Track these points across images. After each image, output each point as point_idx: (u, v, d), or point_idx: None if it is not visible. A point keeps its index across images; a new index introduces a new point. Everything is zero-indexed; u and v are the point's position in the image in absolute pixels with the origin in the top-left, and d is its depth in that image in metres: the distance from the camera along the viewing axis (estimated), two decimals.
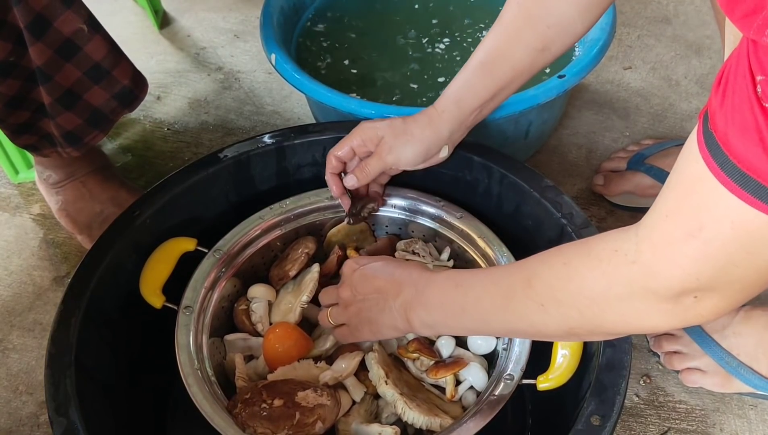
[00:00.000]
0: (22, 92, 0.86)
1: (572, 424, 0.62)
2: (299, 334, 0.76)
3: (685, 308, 0.49)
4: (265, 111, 1.27)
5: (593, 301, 0.53)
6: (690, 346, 0.87)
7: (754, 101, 0.40)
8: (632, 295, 0.51)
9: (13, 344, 0.96)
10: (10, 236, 1.09)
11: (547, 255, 0.58)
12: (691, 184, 0.46)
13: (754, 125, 0.41)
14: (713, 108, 0.44)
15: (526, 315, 0.58)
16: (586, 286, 0.53)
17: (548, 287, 0.56)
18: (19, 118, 0.90)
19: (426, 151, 0.79)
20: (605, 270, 0.52)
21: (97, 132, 0.95)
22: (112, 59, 0.89)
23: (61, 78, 0.86)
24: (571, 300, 0.55)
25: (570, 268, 0.55)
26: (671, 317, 0.51)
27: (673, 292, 0.49)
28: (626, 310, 0.52)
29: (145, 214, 0.80)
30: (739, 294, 0.48)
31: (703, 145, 0.44)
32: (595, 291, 0.53)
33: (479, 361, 0.76)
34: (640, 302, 0.51)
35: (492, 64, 0.77)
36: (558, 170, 1.14)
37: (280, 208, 0.85)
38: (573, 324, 0.56)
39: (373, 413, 0.74)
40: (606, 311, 0.53)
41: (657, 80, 1.29)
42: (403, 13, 1.28)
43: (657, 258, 0.48)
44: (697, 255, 0.46)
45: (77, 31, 0.84)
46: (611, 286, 0.52)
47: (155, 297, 0.76)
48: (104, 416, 0.70)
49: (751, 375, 0.83)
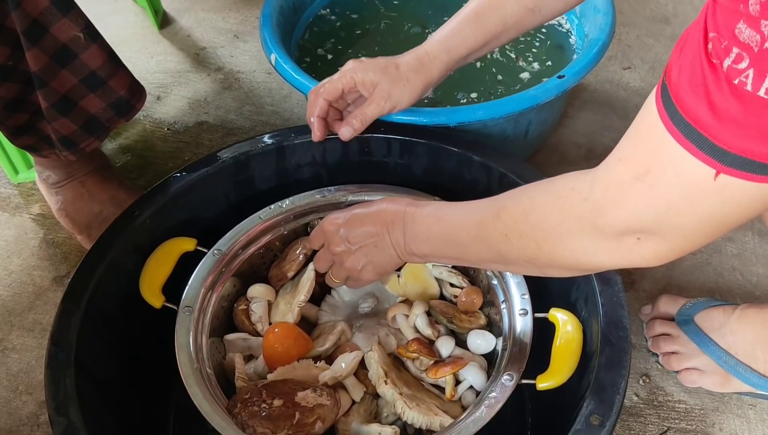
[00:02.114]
0: (20, 95, 0.87)
1: (572, 423, 0.62)
2: (299, 334, 0.77)
3: (628, 248, 0.53)
4: (265, 111, 1.27)
5: (548, 234, 0.58)
6: (687, 346, 0.87)
7: (704, 56, 0.43)
8: (581, 231, 0.55)
9: (13, 344, 0.96)
10: (10, 236, 1.09)
11: (516, 190, 0.63)
12: (645, 132, 0.49)
13: (702, 80, 0.43)
14: (671, 62, 0.46)
15: (494, 245, 0.63)
16: (544, 220, 0.58)
17: (512, 219, 0.61)
18: (18, 120, 0.90)
19: (419, 95, 0.83)
20: (561, 206, 0.56)
21: (92, 139, 0.95)
22: (109, 68, 0.90)
23: (57, 84, 0.86)
24: (530, 232, 0.59)
25: (533, 202, 0.59)
26: (614, 255, 0.54)
27: (617, 230, 0.52)
28: (575, 245, 0.56)
29: (145, 214, 0.80)
30: (680, 241, 0.51)
31: (659, 96, 0.47)
32: (551, 225, 0.57)
33: (479, 360, 0.76)
34: (587, 238, 0.55)
35: (484, 15, 0.81)
36: (557, 170, 1.13)
37: (280, 208, 0.85)
38: (531, 255, 0.60)
39: (372, 413, 0.74)
40: (558, 245, 0.57)
41: (656, 80, 1.28)
42: (405, 9, 1.28)
43: (606, 197, 0.52)
44: (641, 197, 0.49)
45: (74, 38, 0.84)
46: (564, 221, 0.56)
47: (155, 297, 0.76)
48: (104, 416, 0.71)
49: (750, 373, 0.83)
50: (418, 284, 0.82)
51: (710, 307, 0.87)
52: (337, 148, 0.88)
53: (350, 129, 0.82)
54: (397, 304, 0.81)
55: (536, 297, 0.74)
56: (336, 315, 0.84)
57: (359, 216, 0.73)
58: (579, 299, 0.75)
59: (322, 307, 0.84)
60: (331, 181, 0.88)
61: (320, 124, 0.83)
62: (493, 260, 0.66)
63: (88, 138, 0.94)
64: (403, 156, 0.88)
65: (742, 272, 1.00)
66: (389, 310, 0.81)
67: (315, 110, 0.82)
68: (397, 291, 0.83)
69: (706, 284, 0.99)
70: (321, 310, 0.84)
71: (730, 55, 0.41)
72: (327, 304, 0.85)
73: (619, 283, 0.72)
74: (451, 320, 0.78)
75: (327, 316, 0.84)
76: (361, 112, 0.81)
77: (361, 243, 0.73)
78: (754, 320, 0.83)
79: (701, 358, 0.86)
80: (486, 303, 0.81)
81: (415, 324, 0.79)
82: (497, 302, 0.77)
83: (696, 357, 0.86)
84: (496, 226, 0.62)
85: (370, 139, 0.87)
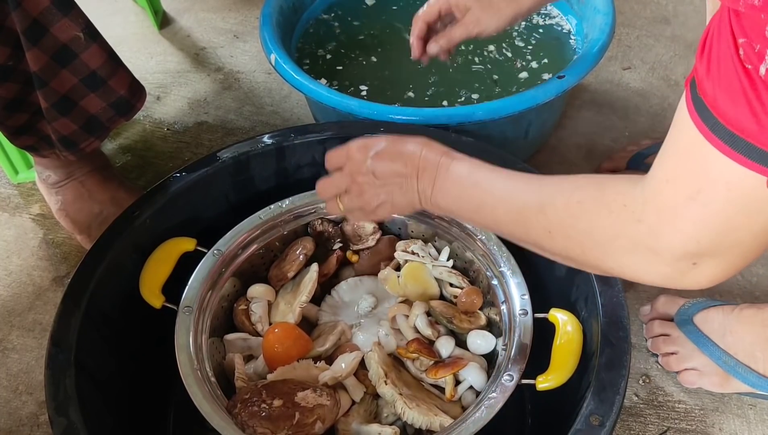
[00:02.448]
0: (20, 95, 0.87)
1: (572, 423, 0.62)
2: (299, 334, 0.77)
3: (682, 272, 0.52)
4: (265, 111, 1.27)
5: (598, 245, 0.56)
6: (686, 347, 0.87)
7: (737, 63, 0.42)
8: (635, 250, 0.53)
9: (12, 344, 0.96)
10: (10, 236, 1.09)
11: (564, 185, 0.60)
12: (686, 148, 0.47)
13: (740, 87, 0.42)
14: (700, 75, 0.45)
15: (534, 235, 0.61)
16: (595, 231, 0.56)
17: (559, 220, 0.58)
18: (18, 120, 0.90)
19: (507, 24, 0.86)
20: (614, 221, 0.54)
21: (93, 138, 0.95)
22: (109, 68, 0.90)
23: (57, 84, 0.86)
24: (578, 237, 0.57)
25: (583, 209, 0.57)
26: (667, 279, 0.53)
27: (675, 255, 0.51)
28: (627, 261, 0.55)
29: (145, 215, 0.80)
30: (737, 259, 0.50)
31: (694, 111, 0.46)
32: (603, 238, 0.55)
33: (479, 361, 0.76)
34: (641, 258, 0.53)
35: None
36: (558, 170, 1.14)
37: (280, 208, 0.85)
38: (573, 256, 0.59)
39: (372, 413, 0.74)
40: (607, 257, 0.56)
41: (656, 80, 1.29)
42: (404, 10, 1.28)
43: (661, 221, 0.50)
44: (697, 218, 0.48)
45: (74, 38, 0.84)
46: (618, 237, 0.54)
47: (155, 297, 0.76)
48: (104, 416, 0.71)
49: (749, 373, 0.82)
50: (418, 285, 0.82)
51: (709, 308, 0.87)
52: None
53: (436, 46, 0.89)
54: (397, 305, 0.81)
55: (536, 297, 0.74)
56: (336, 315, 0.84)
57: (391, 152, 0.70)
58: (579, 299, 0.75)
59: (322, 308, 0.84)
60: None
61: (418, 44, 0.91)
62: (526, 243, 0.65)
63: (89, 138, 0.94)
64: None
65: (741, 272, 1.00)
66: (389, 311, 0.81)
67: (415, 31, 0.90)
68: (397, 291, 0.83)
69: None
70: (321, 311, 0.84)
71: (766, 58, 0.40)
72: (327, 304, 0.85)
73: (619, 284, 0.72)
74: (451, 320, 0.78)
75: (327, 317, 0.84)
76: (449, 32, 0.87)
77: (386, 180, 0.70)
78: (753, 320, 0.83)
79: (700, 358, 0.85)
80: (486, 303, 0.81)
81: (415, 324, 0.79)
82: (497, 303, 0.77)
83: (695, 358, 0.86)
84: (539, 219, 0.60)
85: None
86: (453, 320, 0.78)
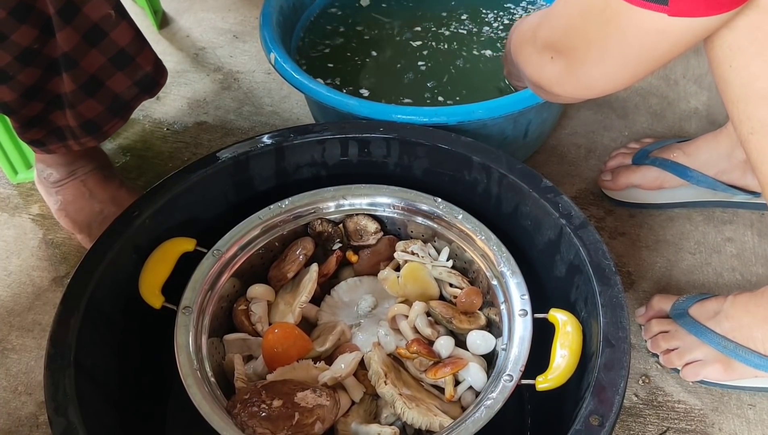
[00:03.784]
0: (40, 83, 0.85)
1: (571, 424, 0.62)
2: (298, 335, 0.76)
3: (544, 63, 0.67)
4: (264, 111, 1.27)
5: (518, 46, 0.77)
6: (686, 339, 0.87)
7: None
8: (531, 42, 0.70)
9: (12, 344, 0.96)
10: (9, 236, 1.09)
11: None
12: None
13: None
14: None
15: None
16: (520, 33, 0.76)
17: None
18: (33, 109, 0.89)
19: None
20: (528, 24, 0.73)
21: (117, 120, 0.94)
22: (137, 45, 0.89)
23: (86, 64, 0.85)
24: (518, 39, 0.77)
25: (522, 22, 0.78)
26: (536, 67, 0.69)
27: (539, 45, 0.67)
28: (526, 51, 0.73)
29: (145, 215, 0.80)
30: (578, 67, 0.63)
31: None
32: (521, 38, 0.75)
33: (478, 361, 0.76)
34: (530, 47, 0.71)
35: None
36: (557, 170, 1.14)
37: (279, 208, 0.85)
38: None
39: (372, 413, 0.74)
40: (519, 54, 0.76)
41: (656, 79, 1.29)
42: (405, 10, 1.28)
43: (542, 16, 0.68)
44: (558, 14, 0.62)
45: (105, 16, 0.83)
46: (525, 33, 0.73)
47: (154, 297, 0.76)
48: (103, 416, 0.70)
49: (750, 354, 0.82)
50: (417, 285, 0.82)
51: (703, 299, 0.88)
52: (336, 149, 0.88)
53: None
54: (396, 305, 0.81)
55: (536, 297, 0.74)
56: (336, 315, 0.84)
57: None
58: (578, 300, 0.75)
59: (321, 308, 0.84)
60: (330, 182, 0.88)
61: None
62: None
63: (112, 119, 0.94)
64: (403, 156, 0.88)
65: (741, 272, 1.00)
66: (389, 311, 0.81)
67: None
68: (396, 291, 0.83)
69: (705, 284, 0.99)
70: (321, 311, 0.84)
71: None
72: (327, 304, 0.85)
73: (619, 284, 0.72)
74: (450, 321, 0.78)
75: (327, 317, 0.84)
76: None
77: None
78: (747, 303, 0.83)
79: (701, 348, 0.85)
80: (486, 303, 0.81)
81: (414, 324, 0.79)
82: (497, 303, 0.77)
83: (695, 349, 0.86)
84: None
85: (369, 139, 0.87)
86: (453, 320, 0.78)
